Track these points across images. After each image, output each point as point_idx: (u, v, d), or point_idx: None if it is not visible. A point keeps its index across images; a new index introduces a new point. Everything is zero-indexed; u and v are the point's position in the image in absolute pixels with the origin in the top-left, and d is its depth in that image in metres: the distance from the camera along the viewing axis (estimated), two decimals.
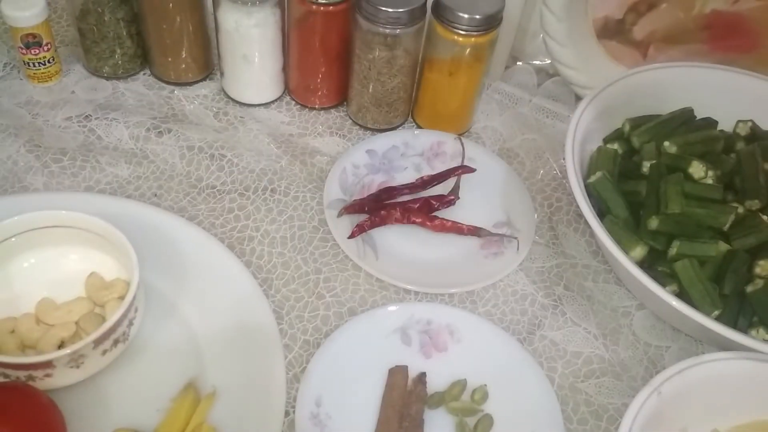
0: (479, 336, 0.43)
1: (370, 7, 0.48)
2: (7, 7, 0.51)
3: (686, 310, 0.39)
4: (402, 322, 0.43)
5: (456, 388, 0.41)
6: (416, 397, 0.40)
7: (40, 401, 0.36)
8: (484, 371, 0.41)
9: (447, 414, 0.40)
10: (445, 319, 0.43)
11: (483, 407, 0.41)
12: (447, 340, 0.43)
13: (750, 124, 0.53)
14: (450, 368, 0.42)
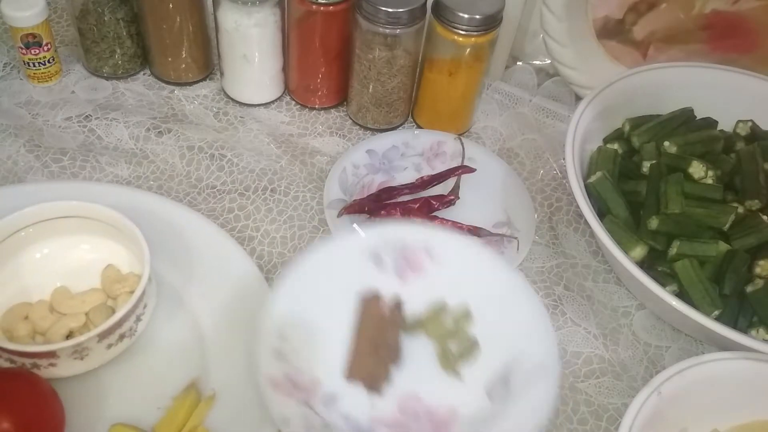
0: (460, 254, 0.38)
1: (370, 7, 0.48)
2: (7, 7, 0.51)
3: (686, 310, 0.39)
4: (374, 243, 0.38)
5: (435, 311, 0.37)
6: (393, 323, 0.36)
7: (42, 390, 0.36)
8: (467, 292, 0.37)
9: (427, 339, 0.37)
10: (422, 238, 0.38)
11: (466, 330, 0.37)
12: (424, 260, 0.38)
13: (750, 124, 0.53)
14: (428, 291, 0.38)
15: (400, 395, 0.35)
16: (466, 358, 0.36)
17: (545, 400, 0.33)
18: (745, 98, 0.53)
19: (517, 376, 0.35)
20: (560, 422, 0.42)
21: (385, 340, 0.36)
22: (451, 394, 0.35)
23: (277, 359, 0.33)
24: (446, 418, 0.34)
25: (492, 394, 0.35)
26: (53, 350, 0.36)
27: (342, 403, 0.34)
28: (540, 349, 0.35)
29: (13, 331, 0.39)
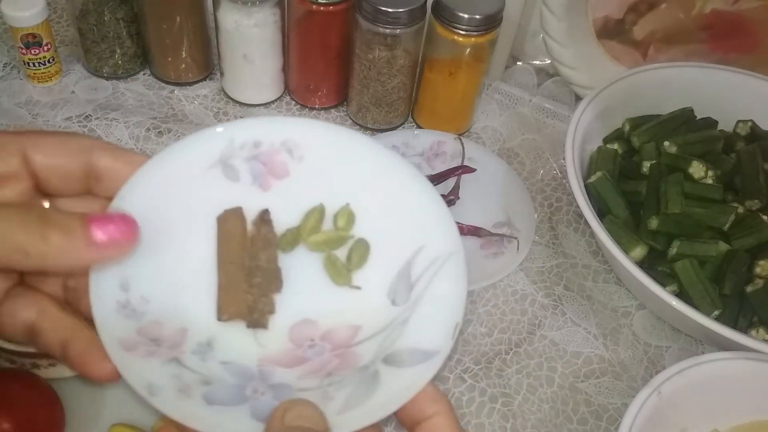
0: (328, 147, 0.31)
1: (370, 7, 0.48)
2: (7, 7, 0.51)
3: (686, 310, 0.39)
4: (219, 151, 0.30)
5: (312, 218, 0.31)
6: (263, 242, 0.30)
7: (42, 390, 0.36)
8: (344, 189, 0.31)
9: (309, 252, 0.31)
10: (278, 136, 0.31)
11: (352, 232, 0.31)
12: (286, 162, 0.31)
13: (750, 124, 0.53)
14: (298, 196, 0.31)
15: (290, 324, 0.29)
16: (358, 264, 0.30)
17: (456, 287, 0.28)
18: (745, 98, 0.53)
19: (419, 271, 0.29)
20: (560, 422, 0.42)
21: (258, 264, 0.29)
22: (349, 308, 0.30)
23: (124, 315, 0.26)
24: (348, 338, 0.29)
25: (395, 297, 0.29)
26: None
27: (220, 350, 0.27)
28: (439, 236, 0.29)
29: None
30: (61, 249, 0.23)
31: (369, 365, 0.27)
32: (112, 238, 0.24)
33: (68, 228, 0.24)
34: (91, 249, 0.24)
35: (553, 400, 0.43)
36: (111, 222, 0.24)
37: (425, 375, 0.26)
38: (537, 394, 0.43)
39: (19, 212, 0.23)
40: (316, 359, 0.28)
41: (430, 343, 0.27)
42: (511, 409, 0.42)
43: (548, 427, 0.42)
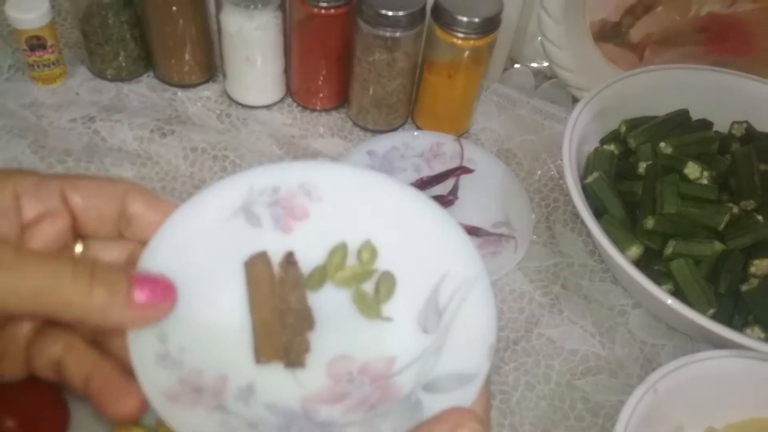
0: (344, 186, 0.32)
1: (370, 10, 0.49)
2: (12, 9, 0.52)
3: (682, 309, 0.40)
4: (241, 199, 0.31)
5: (336, 255, 0.32)
6: (291, 284, 0.31)
7: (46, 389, 0.36)
8: (364, 225, 0.32)
9: (337, 289, 0.31)
10: (295, 180, 0.31)
11: (376, 266, 0.32)
12: (305, 204, 0.32)
13: (745, 126, 0.53)
14: (320, 236, 0.32)
15: (327, 361, 0.29)
16: (386, 296, 0.31)
17: (485, 309, 0.29)
18: (741, 100, 0.54)
19: (446, 298, 0.30)
20: (557, 419, 0.42)
21: (289, 305, 0.30)
22: (383, 341, 0.30)
23: (165, 366, 0.27)
24: (385, 369, 0.29)
25: (426, 325, 0.30)
26: None
27: (262, 393, 0.28)
28: (461, 262, 0.30)
29: None
30: (104, 307, 0.24)
31: (410, 394, 0.28)
32: (151, 301, 0.25)
33: (115, 286, 0.24)
34: (132, 310, 0.25)
35: (550, 398, 0.43)
36: (152, 283, 0.25)
37: (467, 398, 0.26)
38: (534, 391, 0.44)
39: (70, 264, 0.24)
40: (357, 393, 0.28)
41: (467, 366, 0.27)
42: (509, 406, 0.43)
43: (545, 424, 0.42)
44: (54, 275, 0.23)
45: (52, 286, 0.23)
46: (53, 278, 0.23)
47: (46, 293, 0.23)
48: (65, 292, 0.23)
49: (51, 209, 0.26)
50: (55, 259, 0.24)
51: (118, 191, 0.27)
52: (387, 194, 0.32)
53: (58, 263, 0.23)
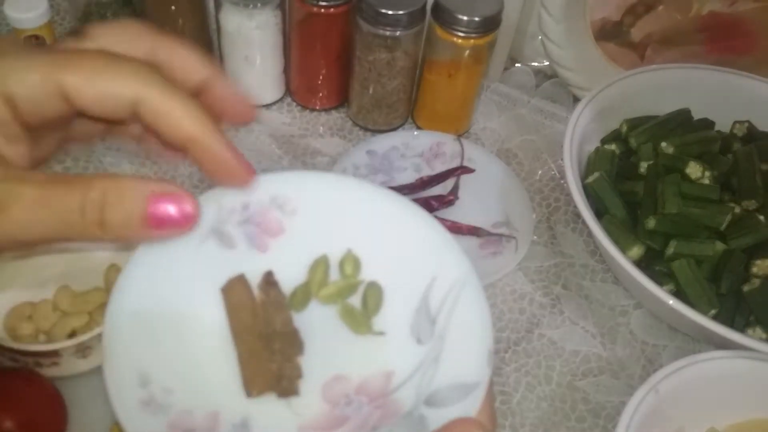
0: (318, 195, 0.30)
1: (370, 9, 0.48)
2: (10, 8, 0.52)
3: (683, 309, 0.40)
4: (210, 220, 0.29)
5: (318, 271, 0.30)
6: (274, 306, 0.29)
7: (45, 389, 0.36)
8: (343, 235, 0.30)
9: (323, 306, 0.30)
10: (265, 193, 0.29)
11: (361, 277, 0.30)
12: (279, 218, 0.30)
13: (747, 125, 0.53)
14: (298, 251, 0.30)
15: (321, 384, 0.28)
16: (375, 309, 0.30)
17: (478, 311, 0.27)
18: (742, 99, 0.53)
19: (437, 304, 0.29)
20: (558, 420, 0.42)
21: (274, 328, 0.28)
22: (377, 356, 0.29)
23: (151, 413, 0.25)
24: (383, 386, 0.28)
25: (419, 335, 0.29)
26: (56, 349, 0.37)
27: (257, 427, 0.26)
28: (448, 265, 0.29)
29: (17, 330, 0.40)
30: (116, 238, 0.24)
31: (413, 410, 0.26)
32: (167, 231, 0.24)
33: (125, 227, 0.23)
34: (146, 238, 0.24)
35: (551, 398, 0.43)
36: (167, 215, 0.24)
37: (471, 408, 0.25)
38: (535, 392, 0.43)
39: (78, 207, 0.23)
40: (356, 416, 0.27)
41: (468, 375, 0.26)
42: (510, 407, 0.42)
43: (546, 425, 0.42)
44: (65, 216, 0.23)
45: (64, 226, 0.23)
46: (64, 219, 0.23)
47: (58, 232, 0.23)
48: (78, 232, 0.23)
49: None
50: (68, 197, 0.23)
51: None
52: (364, 200, 0.30)
53: (69, 203, 0.23)
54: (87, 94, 0.23)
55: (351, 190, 0.30)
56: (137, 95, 0.24)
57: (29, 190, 0.22)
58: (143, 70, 0.24)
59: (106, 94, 0.23)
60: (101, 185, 0.23)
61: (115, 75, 0.23)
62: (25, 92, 0.23)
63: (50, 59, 0.23)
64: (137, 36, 0.26)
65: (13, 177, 0.23)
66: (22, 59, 0.23)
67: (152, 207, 0.23)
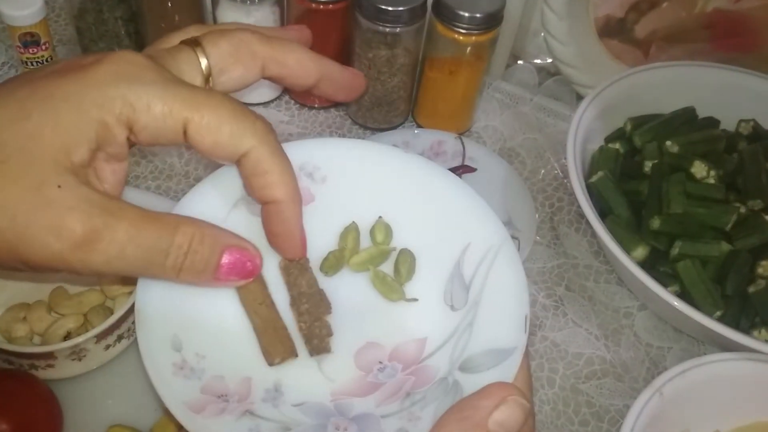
0: (348, 163, 0.30)
1: (370, 5, 0.48)
2: (5, 6, 0.51)
3: (688, 311, 0.39)
4: (240, 189, 0.29)
5: (350, 238, 0.30)
6: (298, 269, 0.29)
7: (40, 391, 0.36)
8: (374, 202, 0.30)
9: (354, 273, 0.30)
10: (295, 161, 0.29)
11: (393, 245, 0.30)
12: (308, 186, 0.30)
13: (752, 124, 0.52)
14: (329, 219, 0.30)
15: (354, 350, 0.28)
16: (408, 276, 0.29)
17: (514, 278, 0.27)
18: (748, 97, 0.53)
19: (471, 270, 0.28)
20: (562, 423, 0.42)
21: (300, 290, 0.28)
22: (410, 322, 0.28)
23: (184, 377, 0.25)
24: (416, 353, 0.28)
25: (453, 302, 0.28)
26: (51, 351, 0.36)
27: (290, 392, 0.26)
28: (482, 230, 0.28)
29: (11, 332, 0.39)
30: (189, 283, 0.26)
31: (447, 376, 0.26)
32: (233, 280, 0.26)
33: (201, 274, 0.25)
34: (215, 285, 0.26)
35: (554, 402, 0.43)
36: (238, 264, 0.26)
37: (507, 374, 0.25)
38: (538, 395, 0.43)
39: (163, 250, 0.24)
40: (390, 382, 0.27)
41: (503, 341, 0.26)
42: None
43: (549, 429, 0.42)
44: (149, 255, 0.24)
45: (145, 265, 0.24)
46: (148, 258, 0.24)
47: (138, 269, 0.24)
48: (155, 272, 0.24)
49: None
50: (157, 238, 0.24)
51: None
52: (395, 166, 0.30)
53: (157, 243, 0.24)
54: (206, 139, 0.25)
55: (381, 157, 0.30)
56: (248, 151, 0.26)
57: (124, 225, 0.23)
58: (260, 128, 0.26)
59: (223, 143, 0.25)
60: (189, 231, 0.24)
61: (236, 128, 0.25)
62: (148, 121, 0.24)
63: (180, 95, 0.24)
64: (251, 49, 0.28)
65: (112, 209, 0.23)
66: (153, 88, 0.24)
67: (226, 259, 0.25)
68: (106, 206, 0.23)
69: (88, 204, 0.22)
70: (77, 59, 0.25)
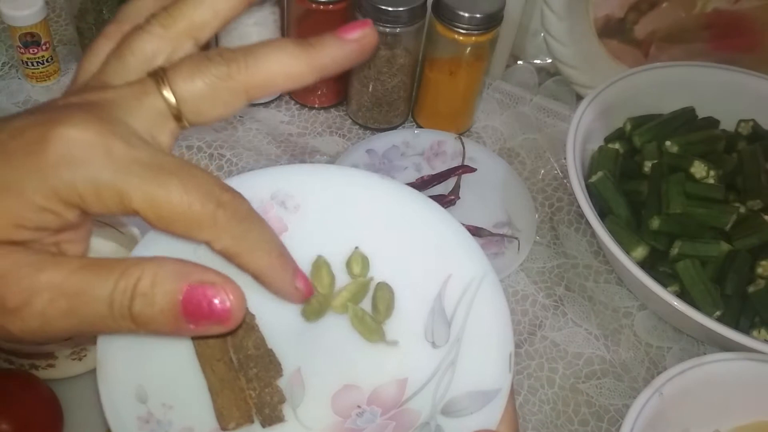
0: (321, 190, 0.28)
1: (369, 5, 0.48)
2: (6, 6, 0.51)
3: (688, 311, 0.39)
4: None
5: (324, 276, 0.28)
6: (244, 329, 0.26)
7: (40, 391, 0.36)
8: (351, 233, 0.28)
9: (334, 314, 0.28)
10: (266, 190, 0.27)
11: (370, 275, 0.28)
12: (282, 216, 0.28)
13: (752, 124, 0.52)
14: (302, 250, 0.27)
15: (330, 395, 0.26)
16: (386, 313, 0.28)
17: (497, 312, 0.25)
18: (747, 98, 0.53)
19: (452, 304, 0.27)
20: (561, 423, 0.42)
21: (247, 353, 0.26)
22: (389, 362, 0.27)
23: (150, 430, 0.23)
24: (396, 395, 0.26)
25: (434, 338, 0.27)
26: (51, 351, 0.36)
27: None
28: (463, 261, 0.27)
29: None
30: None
31: (429, 421, 0.25)
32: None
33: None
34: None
35: (554, 401, 0.43)
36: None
37: (491, 418, 0.23)
38: (538, 395, 0.43)
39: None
40: (369, 428, 0.25)
41: (487, 382, 0.24)
42: None
43: (549, 428, 0.42)
44: (88, 307, 0.21)
45: (90, 320, 0.21)
46: (88, 311, 0.21)
47: (83, 326, 0.22)
48: (106, 325, 0.22)
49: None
50: (95, 286, 0.21)
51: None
52: (372, 193, 0.28)
53: (94, 292, 0.21)
54: (158, 227, 0.22)
55: (357, 184, 0.28)
56: (207, 243, 0.23)
57: (52, 277, 0.20)
58: (221, 219, 0.22)
59: (179, 234, 0.22)
60: (134, 273, 0.21)
61: (191, 223, 0.22)
62: (98, 208, 0.21)
63: (130, 183, 0.21)
64: (229, 85, 0.23)
65: (36, 264, 0.21)
66: (102, 173, 0.21)
67: (187, 299, 0.21)
68: (30, 261, 0.21)
69: (16, 266, 0.20)
70: (24, 125, 0.21)
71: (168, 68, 0.23)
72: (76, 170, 0.21)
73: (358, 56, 0.26)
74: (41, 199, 0.21)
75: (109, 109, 0.22)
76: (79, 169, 0.21)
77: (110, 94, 0.23)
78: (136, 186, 0.21)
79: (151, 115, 0.23)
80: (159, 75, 0.23)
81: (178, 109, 0.23)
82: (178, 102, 0.23)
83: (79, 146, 0.21)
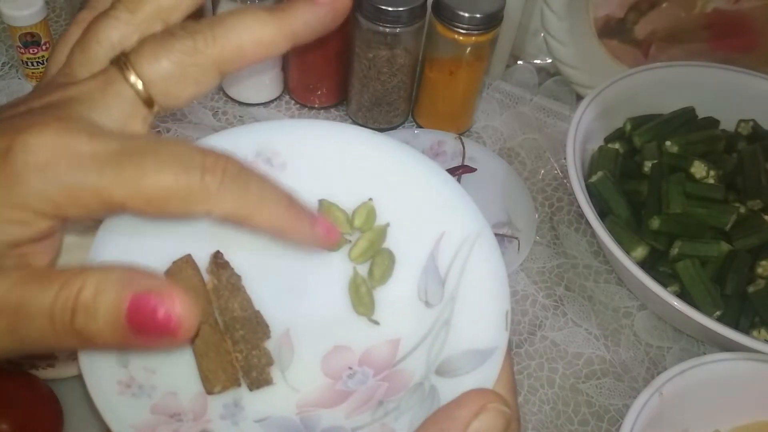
0: (309, 146, 0.27)
1: (370, 5, 0.48)
2: (6, 6, 0.51)
3: (688, 311, 0.39)
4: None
5: (333, 213, 0.27)
6: (229, 290, 0.25)
7: (40, 391, 0.36)
8: (341, 190, 0.27)
9: (328, 272, 0.27)
10: (250, 146, 0.26)
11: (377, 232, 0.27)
12: (268, 174, 0.26)
13: (752, 124, 0.52)
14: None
15: (320, 356, 0.25)
16: (381, 280, 0.27)
17: (492, 270, 0.25)
18: (747, 98, 0.53)
19: (446, 262, 0.26)
20: (561, 423, 0.42)
21: (233, 314, 0.25)
22: (381, 322, 0.26)
23: (132, 395, 0.22)
24: (389, 356, 0.25)
25: (427, 297, 0.26)
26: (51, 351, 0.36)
27: (251, 407, 0.24)
28: (458, 217, 0.26)
29: None
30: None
31: (423, 381, 0.24)
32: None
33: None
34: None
35: (554, 401, 0.43)
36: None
37: (488, 377, 0.23)
38: (538, 395, 0.43)
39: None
40: (360, 389, 0.24)
41: (482, 340, 0.23)
42: None
43: (549, 428, 0.42)
44: (29, 322, 0.19)
45: (36, 336, 0.20)
46: (33, 328, 0.20)
47: (24, 343, 0.20)
48: (55, 341, 0.20)
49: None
50: (33, 299, 0.20)
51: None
52: (360, 149, 0.27)
53: (34, 306, 0.19)
54: (148, 213, 0.20)
55: (346, 139, 0.27)
56: (206, 214, 0.21)
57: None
58: (212, 188, 0.20)
59: (171, 215, 0.20)
60: (75, 283, 0.19)
61: (181, 203, 0.20)
62: (76, 212, 0.20)
63: (106, 178, 0.20)
64: (197, 61, 0.22)
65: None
66: (73, 176, 0.20)
67: (132, 310, 0.19)
68: None
69: None
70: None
71: (130, 52, 0.22)
72: (45, 177, 0.19)
73: (331, 20, 0.25)
74: (9, 211, 0.20)
75: (71, 107, 0.21)
76: (47, 176, 0.19)
77: (72, 91, 0.21)
78: (111, 178, 0.20)
79: (119, 105, 0.21)
80: (121, 61, 0.22)
81: (147, 93, 0.22)
82: (145, 86, 0.21)
83: (44, 152, 0.19)
